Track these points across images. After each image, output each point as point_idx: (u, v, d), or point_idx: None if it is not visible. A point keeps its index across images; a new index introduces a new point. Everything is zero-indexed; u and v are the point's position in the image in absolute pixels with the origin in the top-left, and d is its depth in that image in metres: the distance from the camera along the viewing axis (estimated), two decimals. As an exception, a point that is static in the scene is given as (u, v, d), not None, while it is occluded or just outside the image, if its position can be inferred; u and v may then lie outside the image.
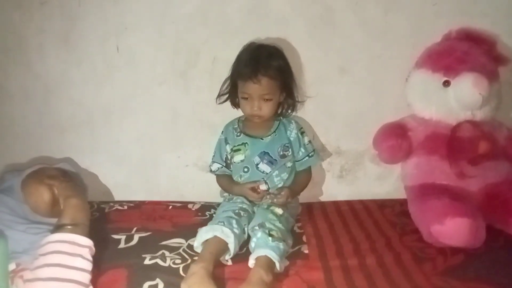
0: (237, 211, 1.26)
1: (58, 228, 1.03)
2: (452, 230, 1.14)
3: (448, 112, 1.37)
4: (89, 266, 1.00)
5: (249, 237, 1.21)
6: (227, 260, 1.16)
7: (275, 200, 1.30)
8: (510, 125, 1.47)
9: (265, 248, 1.10)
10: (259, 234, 1.14)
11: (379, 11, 1.47)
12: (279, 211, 1.26)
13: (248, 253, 1.15)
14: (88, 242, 1.02)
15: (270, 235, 1.13)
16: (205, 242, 1.15)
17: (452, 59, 1.36)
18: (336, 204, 1.49)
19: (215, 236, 1.15)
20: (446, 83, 1.35)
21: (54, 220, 1.11)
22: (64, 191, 1.10)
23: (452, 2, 1.47)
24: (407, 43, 1.48)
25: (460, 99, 1.33)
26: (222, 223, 1.18)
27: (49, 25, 1.45)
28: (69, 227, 1.03)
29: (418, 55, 1.47)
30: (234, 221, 1.20)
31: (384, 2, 1.46)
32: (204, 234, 1.16)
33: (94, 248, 1.04)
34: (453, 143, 1.33)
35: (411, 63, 1.47)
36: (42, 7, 1.44)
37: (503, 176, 1.32)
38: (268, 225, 1.17)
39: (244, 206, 1.31)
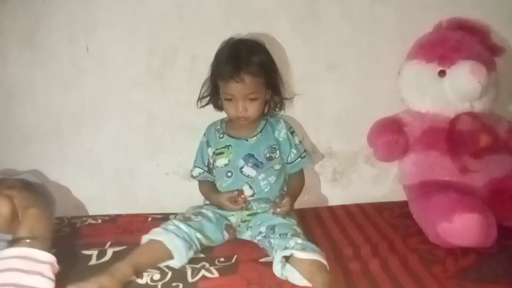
0: (187, 215, 1.18)
1: (14, 242, 0.89)
2: (461, 227, 1.03)
3: (445, 104, 1.29)
4: (50, 285, 0.85)
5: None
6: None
7: (278, 210, 1.17)
8: (509, 118, 1.39)
9: (312, 252, 0.99)
10: (299, 240, 1.03)
11: (366, 3, 1.40)
12: (294, 221, 1.17)
13: (236, 263, 1.02)
14: (49, 257, 0.88)
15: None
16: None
17: (446, 48, 1.29)
18: (330, 209, 1.38)
19: (151, 240, 1.06)
20: (442, 73, 1.28)
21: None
22: (23, 201, 0.96)
23: (442, -8, 1.41)
24: (396, 35, 1.41)
25: (457, 89, 1.25)
26: (164, 229, 1.09)
27: (11, 24, 1.33)
28: (27, 240, 0.89)
29: (408, 47, 1.40)
30: (183, 225, 1.11)
31: (370, -6, 1.39)
32: (145, 238, 1.07)
33: (57, 265, 0.90)
34: (452, 136, 1.24)
35: (401, 56, 1.40)
36: (3, 5, 1.32)
37: (508, 170, 1.24)
38: (302, 236, 1.08)
39: (204, 211, 1.21)
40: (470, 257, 1.04)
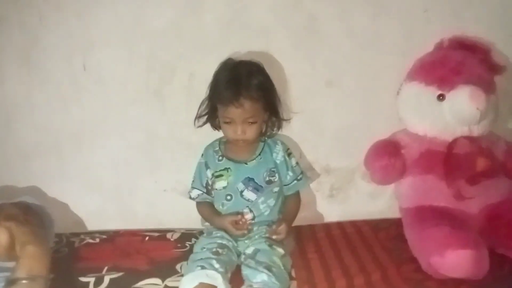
0: (214, 249, 1.15)
1: (11, 283, 0.90)
2: (453, 262, 1.04)
3: (443, 127, 1.27)
4: (47, 326, 0.88)
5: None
6: None
7: (274, 237, 1.18)
8: (508, 136, 1.38)
9: None
10: (272, 278, 1.04)
11: (367, 19, 1.37)
12: (281, 251, 1.16)
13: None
14: (46, 298, 0.90)
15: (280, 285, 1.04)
16: None
17: (446, 70, 1.27)
18: (326, 227, 1.39)
19: (201, 283, 1.03)
20: (441, 97, 1.26)
21: (12, 264, 0.99)
22: (21, 236, 0.97)
23: (444, 8, 1.37)
24: (397, 51, 1.39)
25: (456, 114, 1.23)
26: (201, 267, 1.06)
27: (8, 42, 1.32)
28: (24, 281, 0.90)
29: (409, 64, 1.37)
30: (214, 261, 1.09)
31: (372, 9, 1.37)
32: (188, 283, 1.04)
33: (53, 305, 0.92)
34: (449, 160, 1.23)
35: (402, 73, 1.38)
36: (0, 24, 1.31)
37: (504, 195, 1.23)
38: (275, 270, 1.07)
39: (224, 242, 1.20)
40: (463, 289, 1.05)
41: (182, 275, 1.11)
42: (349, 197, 1.49)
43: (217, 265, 1.07)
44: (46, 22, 1.31)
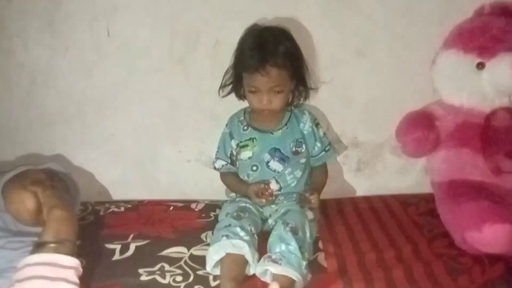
0: (236, 213, 1.12)
1: (39, 246, 0.90)
2: (491, 238, 0.99)
3: (481, 98, 1.21)
4: (74, 289, 0.87)
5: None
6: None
7: (309, 205, 1.16)
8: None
9: (291, 267, 0.97)
10: (293, 245, 1.01)
11: (401, -15, 1.30)
12: (310, 215, 1.14)
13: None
14: (74, 262, 0.89)
15: (302, 253, 1.01)
16: (220, 265, 1.02)
17: (487, 37, 1.19)
18: (353, 202, 1.35)
19: (228, 254, 1.01)
20: (480, 66, 1.19)
21: (39, 230, 0.98)
22: (48, 200, 0.97)
23: (485, -27, 1.29)
24: (433, 20, 1.32)
25: (496, 83, 1.17)
26: (227, 236, 1.04)
27: (31, 7, 1.30)
28: (51, 245, 0.89)
29: (446, 33, 1.30)
30: (238, 229, 1.06)
31: (407, -26, 1.29)
32: (215, 255, 1.02)
33: (81, 269, 0.91)
34: (487, 133, 1.18)
35: (438, 44, 1.30)
36: (24, -13, 1.28)
37: (544, 171, 1.17)
38: (300, 234, 1.05)
39: (246, 205, 1.18)
40: (498, 266, 1.00)
41: (207, 244, 1.10)
42: (376, 171, 1.45)
43: (242, 233, 1.05)
44: (69, -15, 1.28)
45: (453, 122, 1.24)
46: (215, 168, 1.31)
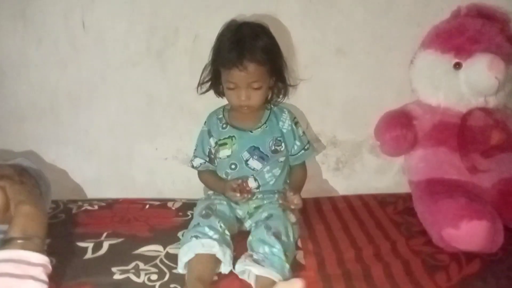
0: (204, 212, 1.10)
1: (5, 243, 0.85)
2: (468, 234, 1.00)
3: (458, 98, 1.23)
4: (43, 288, 0.83)
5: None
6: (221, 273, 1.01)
7: (292, 206, 1.14)
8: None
9: (274, 269, 0.95)
10: (277, 248, 0.99)
11: (381, -15, 1.31)
12: (292, 218, 1.12)
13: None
14: (43, 259, 0.85)
15: (285, 256, 0.99)
16: (188, 266, 0.99)
17: (464, 38, 1.21)
18: (332, 201, 1.35)
19: (197, 255, 0.99)
20: (457, 65, 1.21)
21: (6, 227, 0.94)
22: (16, 195, 0.92)
23: (461, -24, 1.31)
24: (411, 21, 1.33)
25: (472, 83, 1.18)
26: (196, 237, 1.01)
27: (3, -4, 1.25)
28: (19, 241, 0.85)
29: (423, 34, 1.32)
30: (206, 229, 1.04)
31: (386, -25, 1.30)
32: (184, 257, 0.99)
33: (50, 267, 0.87)
34: (463, 133, 1.19)
35: (415, 44, 1.32)
36: (-6, -26, 1.23)
37: (518, 170, 1.19)
38: (284, 238, 1.03)
39: (217, 202, 1.16)
40: (475, 263, 1.01)
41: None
42: (355, 171, 1.45)
43: (210, 232, 1.02)
44: (44, -26, 1.24)
45: (430, 122, 1.25)
46: (193, 167, 1.29)
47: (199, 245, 0.99)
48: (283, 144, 1.23)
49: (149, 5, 1.28)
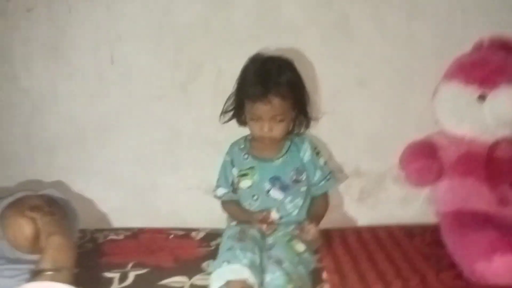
0: (237, 235, 1.11)
1: (35, 274, 0.87)
2: (501, 268, 0.98)
3: (483, 129, 1.22)
4: (71, 318, 0.83)
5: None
6: None
7: (309, 238, 1.13)
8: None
9: None
10: (277, 274, 0.98)
11: (402, 19, 1.33)
12: (301, 247, 1.11)
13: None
14: (71, 290, 0.86)
15: (288, 280, 0.97)
16: None
17: (487, 70, 1.22)
18: (357, 231, 1.33)
19: (228, 282, 0.98)
20: (481, 97, 1.21)
21: (36, 257, 0.95)
22: (47, 227, 0.94)
23: (481, 9, 1.33)
24: (432, 53, 1.34)
25: (498, 115, 1.18)
26: (228, 261, 1.01)
27: (36, 34, 1.31)
28: (48, 273, 0.86)
29: (445, 66, 1.32)
30: (238, 251, 1.04)
31: (406, 9, 1.33)
32: (215, 282, 0.99)
33: (78, 297, 0.88)
34: (491, 164, 1.18)
35: (437, 75, 1.33)
36: (29, 14, 1.29)
37: (549, 202, 1.17)
38: (286, 264, 1.02)
39: (248, 227, 1.16)
40: (508, 298, 0.99)
41: (208, 274, 1.07)
42: (379, 201, 1.43)
43: (241, 255, 1.02)
44: (75, 13, 1.30)
45: (456, 152, 1.24)
46: (216, 196, 1.29)
47: (228, 271, 0.99)
48: (304, 174, 1.24)
49: (173, 40, 1.33)
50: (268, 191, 1.21)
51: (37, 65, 1.33)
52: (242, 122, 1.26)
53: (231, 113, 1.26)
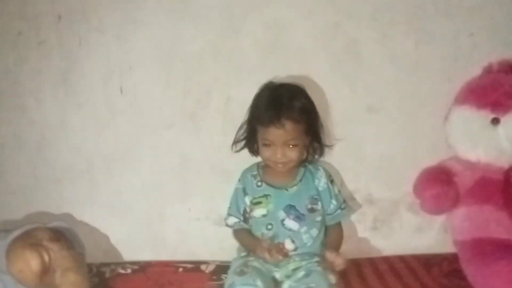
0: (238, 269, 1.09)
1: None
2: (527, 300, 0.93)
3: (498, 153, 1.20)
4: None
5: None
6: None
7: (336, 267, 1.10)
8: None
9: None
10: None
11: (410, 43, 1.32)
12: (333, 279, 1.08)
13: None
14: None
15: None
16: None
17: (499, 93, 1.20)
18: (372, 262, 1.29)
19: None
20: (495, 121, 1.19)
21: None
22: (63, 262, 0.91)
23: (490, 32, 1.32)
24: (442, 77, 1.33)
25: (513, 138, 1.16)
26: None
27: (47, 65, 1.31)
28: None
29: (455, 89, 1.31)
30: (247, 276, 1.02)
31: (415, 33, 1.32)
32: None
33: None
34: (509, 189, 1.15)
35: (447, 99, 1.31)
36: (39, 46, 1.30)
37: None
38: None
39: (252, 260, 1.13)
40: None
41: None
42: (393, 230, 1.39)
43: (251, 281, 1.01)
44: (85, 45, 1.30)
45: (472, 178, 1.22)
46: (227, 225, 1.26)
47: None
48: (319, 203, 1.21)
49: (183, 69, 1.33)
50: (283, 220, 1.18)
51: (46, 97, 1.33)
52: (254, 151, 1.25)
53: (243, 142, 1.24)
